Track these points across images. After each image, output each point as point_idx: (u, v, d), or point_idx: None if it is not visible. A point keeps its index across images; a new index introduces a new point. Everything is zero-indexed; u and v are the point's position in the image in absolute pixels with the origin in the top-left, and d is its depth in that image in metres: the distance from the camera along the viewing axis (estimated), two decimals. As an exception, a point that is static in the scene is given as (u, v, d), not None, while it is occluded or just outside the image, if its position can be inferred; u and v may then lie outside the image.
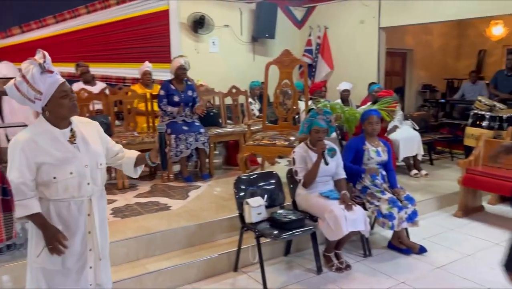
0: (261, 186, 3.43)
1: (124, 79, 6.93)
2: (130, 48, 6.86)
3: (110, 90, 5.36)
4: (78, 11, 6.50)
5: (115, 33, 6.79)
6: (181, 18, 7.13)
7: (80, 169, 1.89)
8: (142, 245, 3.18)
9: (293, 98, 4.62)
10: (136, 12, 6.89)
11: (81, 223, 1.92)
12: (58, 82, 1.85)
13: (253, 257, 3.30)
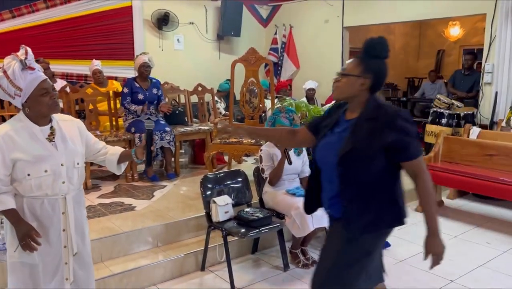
0: (228, 185, 3.42)
1: (85, 77, 6.72)
2: (92, 45, 6.66)
3: (71, 88, 5.19)
4: (36, 6, 6.25)
5: (76, 29, 6.58)
6: (145, 14, 7.00)
7: (55, 168, 1.88)
8: (106, 246, 3.11)
9: (259, 97, 4.64)
10: (98, 8, 6.70)
11: (55, 220, 1.92)
12: (38, 80, 1.85)
13: (220, 256, 3.29)
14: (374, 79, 1.80)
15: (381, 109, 1.78)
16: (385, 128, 1.72)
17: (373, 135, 1.73)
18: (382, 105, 1.80)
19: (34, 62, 1.87)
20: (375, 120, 1.75)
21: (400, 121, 1.73)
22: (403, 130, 1.72)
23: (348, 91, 1.82)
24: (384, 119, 1.74)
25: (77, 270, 2.02)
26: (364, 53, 1.83)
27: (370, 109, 1.79)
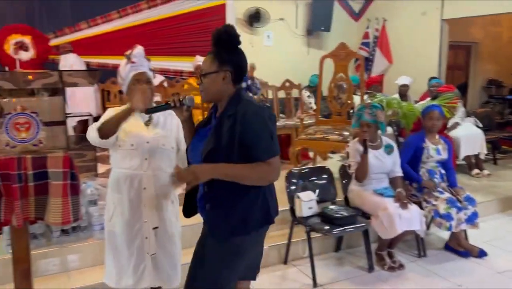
0: (313, 181, 3.41)
1: (181, 73, 7.12)
2: (187, 42, 7.02)
3: (168, 83, 5.53)
4: (140, 6, 6.75)
5: (173, 27, 6.99)
6: (237, 12, 7.20)
7: (140, 145, 2.07)
8: (194, 234, 3.27)
9: (348, 93, 4.54)
10: (193, 6, 7.04)
11: (137, 194, 2.09)
12: (134, 71, 2.11)
13: (303, 251, 3.30)
14: (234, 70, 1.76)
15: (240, 105, 1.70)
16: (239, 125, 1.65)
17: (230, 132, 1.67)
18: (243, 101, 1.73)
19: (141, 57, 2.14)
20: (233, 116, 1.68)
21: (253, 118, 1.66)
22: (254, 128, 1.65)
23: (213, 90, 1.77)
24: (240, 115, 1.67)
25: (159, 247, 2.15)
26: (214, 47, 1.78)
27: (231, 105, 1.72)
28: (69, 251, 2.86)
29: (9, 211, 1.55)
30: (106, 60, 6.71)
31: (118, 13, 6.67)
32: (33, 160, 1.54)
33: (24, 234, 1.66)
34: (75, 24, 6.51)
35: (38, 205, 1.59)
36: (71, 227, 2.88)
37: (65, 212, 1.57)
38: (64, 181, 1.56)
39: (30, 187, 1.55)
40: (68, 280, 2.75)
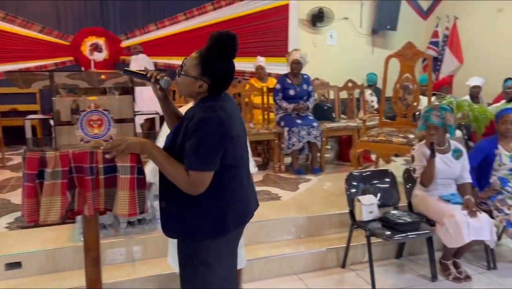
0: (374, 184, 3.32)
1: (243, 73, 7.22)
2: (249, 42, 7.11)
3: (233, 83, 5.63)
4: (205, 8, 6.95)
5: (237, 28, 7.10)
6: (301, 12, 7.18)
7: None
8: (253, 231, 3.31)
9: (414, 94, 4.36)
10: (257, 7, 7.11)
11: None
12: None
13: (363, 255, 3.22)
14: (213, 83, 1.66)
15: (197, 110, 1.63)
16: (189, 129, 1.59)
17: (183, 132, 1.61)
18: (201, 107, 1.64)
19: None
20: (190, 118, 1.61)
21: (198, 124, 1.58)
22: (194, 135, 1.58)
23: (186, 90, 1.71)
24: (190, 120, 1.60)
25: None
26: (206, 51, 1.66)
27: (194, 108, 1.66)
28: (134, 242, 3.01)
29: (82, 202, 1.66)
30: (172, 60, 6.97)
31: (184, 15, 6.90)
32: (104, 154, 1.63)
33: (94, 224, 1.76)
34: (144, 26, 6.83)
35: (107, 196, 1.68)
36: (137, 220, 3.02)
37: (131, 204, 1.64)
38: (131, 175, 1.64)
39: (101, 179, 1.65)
40: (133, 270, 2.89)
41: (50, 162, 1.57)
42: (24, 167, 1.56)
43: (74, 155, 1.62)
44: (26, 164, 1.56)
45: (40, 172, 1.59)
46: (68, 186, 1.62)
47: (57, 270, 2.83)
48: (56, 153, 1.59)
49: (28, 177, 1.57)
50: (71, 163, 1.62)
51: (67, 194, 1.62)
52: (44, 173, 1.58)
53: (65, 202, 1.62)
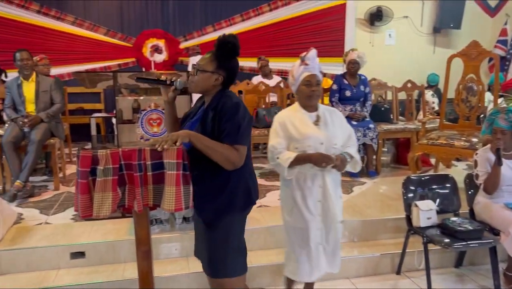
0: (433, 189, 3.18)
1: (297, 73, 7.20)
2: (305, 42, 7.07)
3: (285, 84, 5.64)
4: (261, 9, 7.01)
5: (292, 28, 7.11)
6: (358, 10, 7.04)
7: (316, 145, 2.25)
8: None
9: (478, 95, 4.14)
10: (313, 7, 7.08)
11: (314, 192, 2.29)
12: (307, 73, 2.29)
13: (419, 263, 3.10)
14: (227, 76, 1.93)
15: (222, 99, 1.88)
16: (221, 115, 1.83)
17: (213, 123, 1.85)
18: (226, 96, 1.90)
19: (314, 60, 2.31)
20: (215, 108, 1.86)
21: (231, 108, 1.84)
22: (228, 116, 1.82)
23: (202, 86, 1.92)
24: (223, 108, 1.84)
25: (330, 238, 2.36)
26: (218, 50, 1.90)
27: (215, 99, 1.90)
28: (189, 238, 3.08)
29: (131, 197, 1.72)
30: (229, 61, 7.08)
31: (241, 16, 7.01)
32: (151, 151, 1.68)
33: (144, 219, 1.82)
34: (202, 28, 7.01)
35: (156, 192, 1.73)
36: (192, 216, 3.10)
37: (177, 199, 1.68)
38: (177, 171, 1.68)
39: (149, 176, 1.70)
40: (187, 265, 2.98)
41: (102, 159, 1.64)
42: (78, 164, 1.64)
43: (124, 153, 1.68)
44: (79, 162, 1.64)
45: (93, 169, 1.67)
46: (118, 183, 1.69)
47: (116, 261, 2.98)
48: (107, 151, 1.65)
49: (82, 174, 1.65)
50: (121, 160, 1.68)
51: (118, 190, 1.69)
52: (96, 170, 1.66)
53: (116, 197, 1.68)
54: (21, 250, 2.89)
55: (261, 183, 4.43)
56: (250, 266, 2.92)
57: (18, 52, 4.11)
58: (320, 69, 2.37)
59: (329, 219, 2.33)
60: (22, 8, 6.39)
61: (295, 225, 2.34)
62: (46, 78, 4.31)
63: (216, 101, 1.90)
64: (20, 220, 3.39)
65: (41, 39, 6.47)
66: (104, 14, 6.79)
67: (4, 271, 2.85)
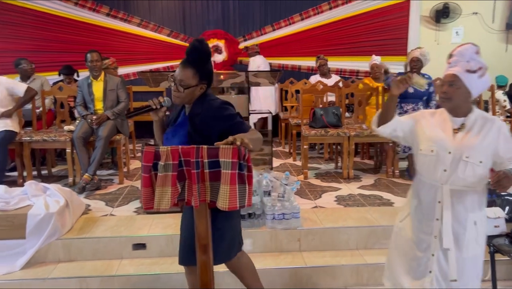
0: (502, 196, 2.98)
1: (357, 73, 7.06)
2: (365, 41, 6.94)
3: (344, 83, 5.54)
4: (321, 8, 6.94)
5: (352, 27, 6.98)
6: (423, 7, 6.76)
7: (441, 152, 1.91)
8: (362, 236, 3.22)
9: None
10: (375, 5, 6.90)
11: (431, 206, 1.96)
12: (446, 72, 1.98)
13: (485, 273, 2.92)
14: (209, 82, 2.03)
15: (204, 103, 1.99)
16: (214, 120, 1.95)
17: (205, 126, 1.95)
18: (206, 100, 2.00)
19: (461, 56, 1.93)
20: (201, 114, 1.97)
21: (225, 111, 1.97)
22: (231, 118, 1.96)
23: (189, 98, 2.01)
24: (211, 113, 1.96)
25: (447, 264, 1.96)
26: (196, 61, 1.96)
27: (198, 106, 2.00)
28: (244, 235, 3.12)
29: (190, 193, 1.79)
30: (286, 61, 7.11)
31: (300, 16, 6.98)
32: (208, 149, 1.73)
33: (203, 214, 1.86)
34: (261, 28, 7.06)
35: (213, 189, 1.78)
36: (247, 213, 3.14)
37: (231, 198, 1.71)
38: (232, 170, 1.71)
39: (206, 173, 1.75)
40: (242, 262, 3.01)
41: (163, 155, 1.73)
42: (142, 159, 1.75)
43: (183, 150, 1.75)
44: (143, 157, 1.75)
45: (155, 164, 1.75)
46: (178, 178, 1.77)
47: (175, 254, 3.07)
48: (168, 148, 1.73)
49: (145, 168, 1.75)
50: (181, 157, 1.75)
51: (177, 185, 1.76)
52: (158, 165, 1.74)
53: (175, 192, 1.76)
54: (88, 239, 3.08)
55: (316, 183, 4.39)
56: (305, 267, 2.94)
57: (89, 54, 4.37)
58: (471, 67, 1.91)
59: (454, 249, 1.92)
60: (93, 11, 6.79)
61: (402, 232, 2.12)
62: (113, 78, 4.55)
63: (199, 108, 1.99)
64: (88, 210, 3.61)
65: (109, 40, 6.85)
66: (167, 15, 7.04)
67: (72, 258, 3.05)
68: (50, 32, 6.71)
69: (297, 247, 3.16)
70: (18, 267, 2.90)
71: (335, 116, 4.67)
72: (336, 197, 3.93)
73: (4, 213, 3.00)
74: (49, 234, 2.98)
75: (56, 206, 3.09)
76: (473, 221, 1.93)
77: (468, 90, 1.89)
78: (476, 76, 1.88)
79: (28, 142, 4.31)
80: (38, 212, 2.99)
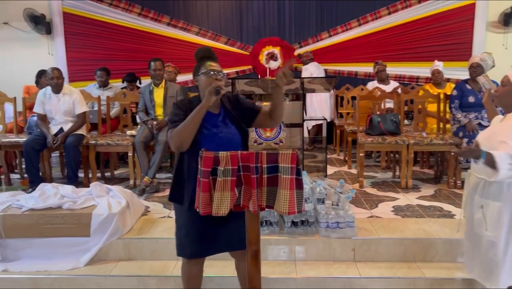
0: None
1: (417, 79, 6.82)
2: (426, 46, 6.70)
3: (403, 90, 5.38)
4: (379, 13, 6.79)
5: (412, 32, 6.77)
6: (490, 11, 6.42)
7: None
8: (420, 248, 3.10)
9: None
10: (437, 9, 6.65)
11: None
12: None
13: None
14: None
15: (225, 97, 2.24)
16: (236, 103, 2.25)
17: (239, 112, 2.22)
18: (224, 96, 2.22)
19: None
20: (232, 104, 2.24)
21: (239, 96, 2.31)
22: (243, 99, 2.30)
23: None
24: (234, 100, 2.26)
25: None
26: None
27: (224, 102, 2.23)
28: (297, 242, 3.12)
29: (247, 198, 1.81)
30: (342, 67, 7.01)
31: (357, 21, 6.88)
32: (267, 155, 1.75)
33: (256, 219, 1.89)
34: (317, 34, 7.03)
35: (269, 194, 1.80)
36: (300, 220, 3.13)
37: (290, 203, 1.73)
38: (291, 176, 1.72)
39: (264, 178, 1.77)
40: (294, 268, 3.00)
41: (222, 160, 1.76)
42: (201, 164, 1.78)
43: (242, 155, 1.77)
44: (202, 162, 1.78)
45: (213, 169, 1.79)
46: (236, 183, 1.79)
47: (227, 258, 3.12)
48: (227, 153, 1.76)
49: (204, 173, 1.78)
50: (239, 162, 1.78)
51: (235, 190, 1.79)
52: (217, 170, 1.77)
53: (234, 197, 1.79)
54: (147, 239, 3.20)
55: (373, 192, 4.28)
56: (359, 277, 2.87)
57: (153, 62, 4.58)
58: None
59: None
60: (155, 21, 7.11)
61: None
62: (173, 85, 4.73)
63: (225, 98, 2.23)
64: (147, 212, 3.76)
65: (170, 48, 7.12)
66: (225, 24, 7.21)
67: (132, 257, 3.19)
68: (116, 41, 7.11)
69: (351, 257, 3.10)
70: (82, 263, 3.08)
71: (393, 124, 4.53)
72: (393, 207, 3.80)
73: (71, 212, 3.20)
74: (111, 233, 3.14)
75: (118, 206, 3.25)
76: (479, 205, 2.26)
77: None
78: None
79: (94, 146, 4.58)
80: (101, 212, 3.16)
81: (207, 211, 1.81)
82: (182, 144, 2.07)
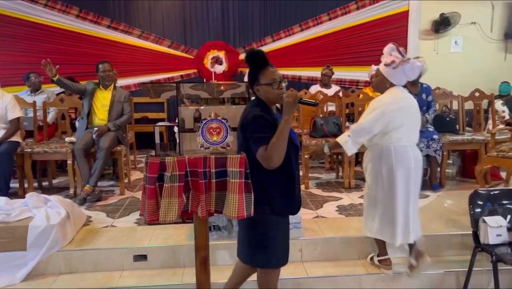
0: (504, 205, 2.97)
1: (357, 82, 7.09)
2: (365, 51, 6.97)
3: (344, 93, 5.57)
4: (320, 19, 6.99)
5: (352, 37, 7.02)
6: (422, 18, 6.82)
7: None
8: (364, 246, 3.21)
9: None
10: (374, 15, 6.95)
11: None
12: None
13: (487, 282, 2.91)
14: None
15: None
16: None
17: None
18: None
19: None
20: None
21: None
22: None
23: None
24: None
25: None
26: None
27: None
28: (244, 245, 3.12)
29: (195, 203, 1.79)
30: (286, 71, 7.14)
31: (300, 26, 7.03)
32: (216, 159, 1.74)
33: (204, 224, 1.87)
34: (261, 39, 7.11)
35: (218, 199, 1.79)
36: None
37: (239, 207, 1.72)
38: (240, 180, 1.72)
39: (213, 183, 1.75)
40: (243, 272, 3.00)
41: (169, 166, 1.72)
42: (146, 170, 1.72)
43: (189, 160, 1.74)
44: (148, 168, 1.73)
45: (160, 176, 1.74)
46: (184, 189, 1.76)
47: (177, 265, 3.07)
48: (174, 158, 1.72)
49: (149, 180, 1.73)
50: (187, 167, 1.75)
51: (183, 196, 1.75)
52: (164, 176, 1.73)
53: (182, 203, 1.75)
54: (89, 250, 3.07)
55: (318, 193, 4.39)
56: (306, 277, 2.92)
57: (101, 64, 4.44)
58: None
59: None
60: (95, 23, 6.85)
61: None
62: (121, 90, 4.64)
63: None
64: (89, 222, 3.60)
65: (110, 52, 6.88)
66: (168, 27, 7.09)
67: (73, 269, 3.04)
68: (52, 44, 6.75)
69: (298, 258, 3.15)
70: (18, 279, 2.89)
71: (335, 126, 4.68)
72: (337, 207, 3.92)
73: (5, 225, 2.99)
74: (50, 245, 2.98)
75: (57, 217, 3.09)
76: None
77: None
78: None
79: (30, 154, 4.32)
80: (39, 224, 2.99)
81: (153, 218, 1.76)
82: (282, 158, 1.95)
